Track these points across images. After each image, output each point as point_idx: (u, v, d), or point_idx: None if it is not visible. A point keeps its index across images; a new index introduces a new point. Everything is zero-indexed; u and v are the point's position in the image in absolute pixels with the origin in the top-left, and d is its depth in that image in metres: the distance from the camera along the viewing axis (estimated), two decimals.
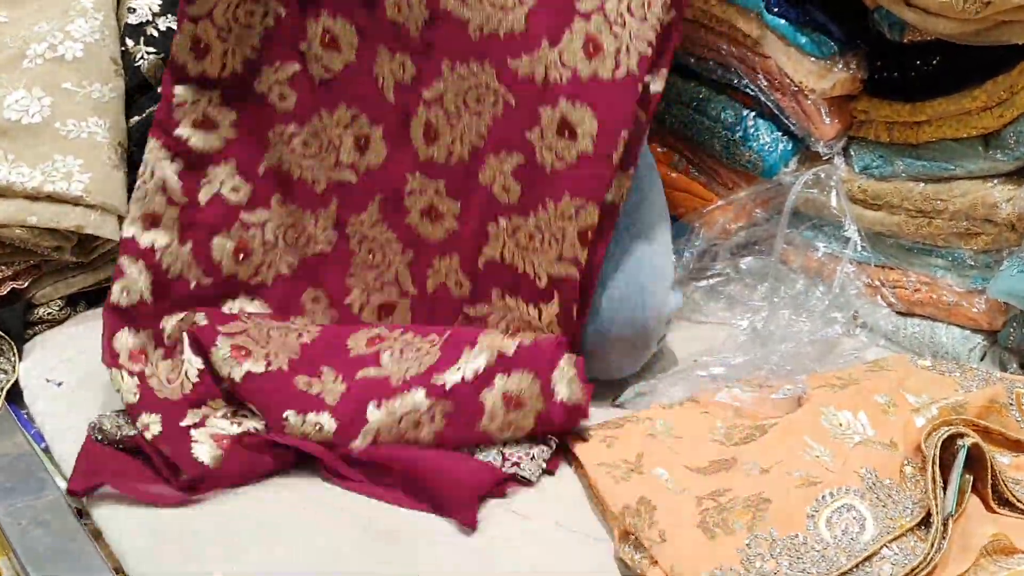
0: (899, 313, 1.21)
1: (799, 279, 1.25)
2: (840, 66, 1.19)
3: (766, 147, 1.26)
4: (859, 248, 1.20)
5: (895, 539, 0.79)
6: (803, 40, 1.19)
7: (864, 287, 1.22)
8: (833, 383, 1.02)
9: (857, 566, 0.78)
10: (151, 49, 1.33)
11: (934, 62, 1.13)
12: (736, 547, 0.79)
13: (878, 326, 1.22)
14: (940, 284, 1.17)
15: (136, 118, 1.32)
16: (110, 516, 0.92)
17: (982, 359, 1.14)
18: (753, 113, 1.27)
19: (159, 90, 1.34)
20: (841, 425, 0.94)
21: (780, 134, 1.26)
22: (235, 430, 0.99)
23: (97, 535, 0.92)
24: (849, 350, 1.17)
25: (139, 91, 1.33)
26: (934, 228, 1.15)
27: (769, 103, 1.25)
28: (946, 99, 1.11)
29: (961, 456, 0.81)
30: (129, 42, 1.33)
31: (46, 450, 1.05)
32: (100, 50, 1.29)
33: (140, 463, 0.98)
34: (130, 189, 1.26)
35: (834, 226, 1.23)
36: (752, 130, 1.27)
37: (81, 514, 0.95)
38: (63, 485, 0.98)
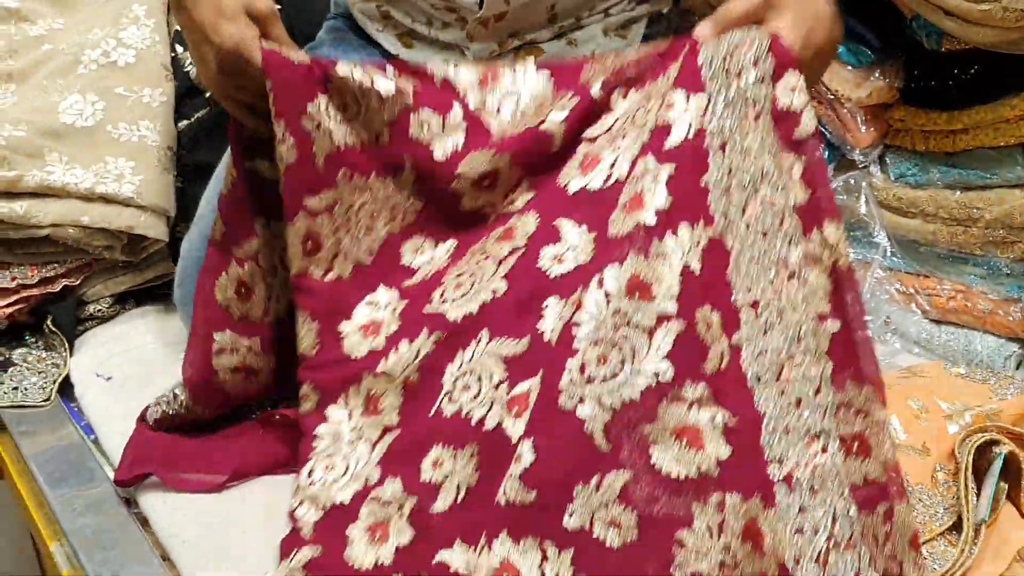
0: (933, 321, 1.22)
1: None
2: (877, 75, 1.20)
3: None
4: (889, 254, 1.21)
5: (925, 542, 0.80)
6: (840, 49, 1.20)
7: (897, 294, 1.22)
8: None
9: None
10: None
11: (972, 71, 1.13)
12: None
13: (910, 333, 1.22)
14: (975, 292, 1.17)
15: (184, 122, 1.36)
16: (157, 505, 0.95)
17: (1017, 368, 1.14)
18: None
19: (207, 95, 1.39)
20: None
21: None
22: None
23: (145, 523, 0.94)
24: (881, 356, 1.16)
25: (188, 96, 1.37)
26: (970, 236, 1.16)
27: None
28: (983, 108, 1.12)
29: (997, 463, 0.82)
30: (179, 48, 1.37)
31: (95, 442, 1.08)
32: (151, 56, 1.34)
33: (191, 446, 1.00)
34: (177, 193, 1.31)
35: (865, 232, 1.24)
36: None
37: (129, 503, 0.98)
38: (112, 475, 1.02)
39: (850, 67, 1.20)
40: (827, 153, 1.26)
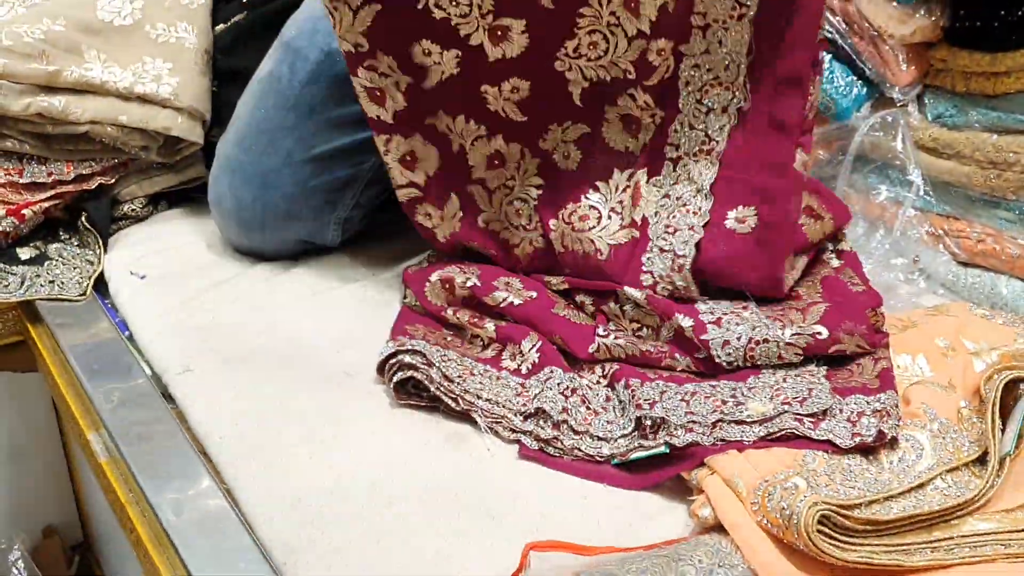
0: (960, 263, 1.22)
1: (860, 222, 1.27)
2: (922, 12, 1.19)
3: (840, 90, 1.26)
4: (922, 193, 1.21)
5: (950, 471, 0.82)
6: None
7: (926, 235, 1.23)
8: (894, 325, 1.04)
9: (908, 492, 0.81)
10: None
11: (1019, 13, 1.13)
12: (794, 459, 0.83)
13: (938, 274, 1.23)
14: (1005, 237, 1.18)
15: (221, 26, 1.35)
16: (194, 401, 0.97)
17: None
18: (829, 56, 1.27)
19: (243, 0, 1.38)
20: (899, 367, 0.96)
21: (855, 78, 1.26)
22: None
23: (182, 418, 0.96)
24: (907, 295, 1.18)
25: (224, 0, 1.36)
26: (1004, 181, 1.16)
27: (846, 46, 1.25)
28: None
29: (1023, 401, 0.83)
30: None
31: (129, 338, 1.10)
32: None
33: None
34: (212, 96, 1.31)
35: (898, 171, 1.24)
36: (827, 73, 1.27)
37: (167, 398, 0.99)
38: (148, 371, 1.04)
39: (895, 3, 1.19)
40: (865, 90, 1.26)
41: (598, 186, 1.09)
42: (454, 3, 0.99)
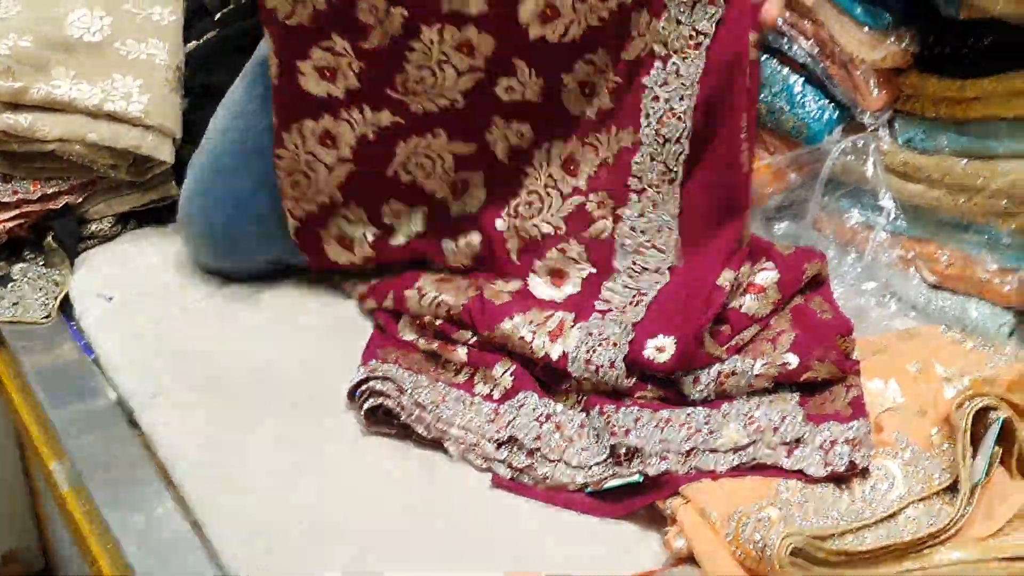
0: (931, 286, 1.23)
1: (831, 246, 1.27)
2: (893, 38, 1.20)
3: (812, 114, 1.27)
4: (893, 217, 1.22)
5: (922, 500, 0.82)
6: (858, 10, 1.20)
7: (898, 258, 1.24)
8: (864, 349, 1.04)
9: (880, 521, 0.81)
10: None
11: (987, 40, 1.14)
12: (768, 488, 0.83)
13: (908, 297, 1.23)
14: (974, 260, 1.19)
15: (194, 43, 1.34)
16: (160, 427, 0.95)
17: (1010, 336, 1.16)
18: (801, 79, 1.28)
19: (216, 16, 1.37)
20: (872, 392, 0.97)
21: (827, 102, 1.27)
22: None
23: (148, 445, 0.95)
24: (878, 318, 1.19)
25: (197, 17, 1.36)
26: (973, 205, 1.16)
27: (818, 70, 1.25)
28: (996, 78, 1.12)
29: (995, 428, 0.83)
30: None
31: (95, 361, 1.08)
32: None
33: None
34: (183, 115, 1.30)
35: (869, 195, 1.24)
36: (799, 96, 1.28)
37: (132, 424, 0.98)
38: (113, 396, 1.02)
39: (867, 28, 1.20)
40: (836, 114, 1.26)
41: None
42: (420, 167, 1.10)
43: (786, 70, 1.29)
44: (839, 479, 0.84)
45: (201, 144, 1.19)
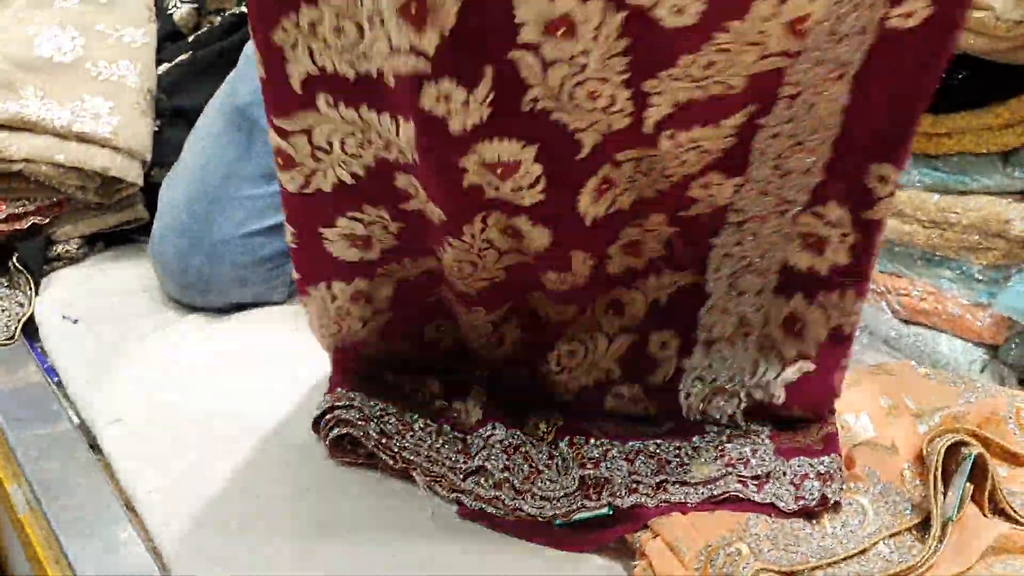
0: (902, 320, 1.23)
1: None
2: None
3: None
4: None
5: (893, 535, 0.81)
6: None
7: (870, 292, 1.24)
8: None
9: (851, 557, 0.80)
10: None
11: (959, 76, 1.14)
12: (737, 522, 0.82)
13: (880, 331, 1.23)
14: (946, 295, 1.19)
15: (166, 65, 1.33)
16: (121, 452, 0.93)
17: (981, 371, 1.16)
18: None
19: (189, 39, 1.37)
20: (843, 427, 0.96)
21: None
22: None
23: (109, 470, 0.93)
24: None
25: (170, 39, 1.35)
26: (945, 240, 1.17)
27: None
28: (969, 114, 1.12)
29: (967, 464, 0.83)
30: None
31: (59, 384, 1.06)
32: None
33: None
34: (154, 137, 1.28)
35: None
36: None
37: (93, 448, 0.96)
38: (75, 419, 1.00)
39: None
40: None
41: None
42: None
43: None
44: (810, 514, 0.83)
45: (174, 174, 1.17)
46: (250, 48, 1.13)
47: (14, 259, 1.20)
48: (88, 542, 0.84)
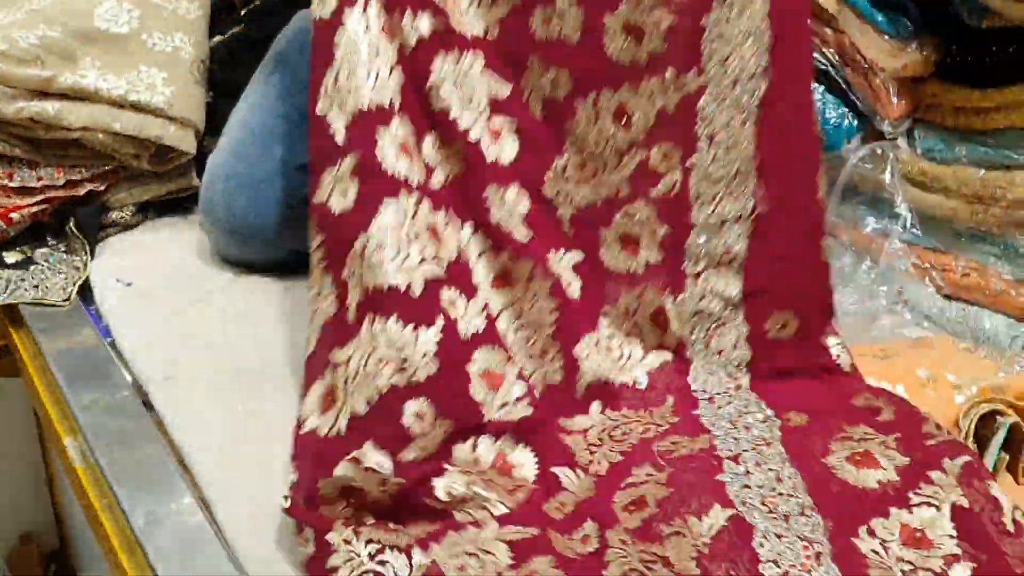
0: (945, 296, 1.22)
1: (847, 253, 1.27)
2: (914, 47, 1.20)
3: (831, 122, 1.27)
4: (909, 226, 1.21)
5: None
6: (880, 18, 1.20)
7: (912, 267, 1.23)
8: (876, 354, 1.04)
9: None
10: None
11: (1010, 49, 1.13)
12: None
13: (921, 306, 1.23)
14: (990, 271, 1.18)
15: (218, 37, 1.36)
16: (175, 409, 0.97)
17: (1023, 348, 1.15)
18: (821, 88, 1.28)
19: (242, 12, 1.39)
20: None
21: (846, 110, 1.27)
22: None
23: (162, 427, 0.96)
24: (890, 326, 1.18)
25: (223, 12, 1.37)
26: (990, 216, 1.16)
27: (838, 78, 1.26)
28: (1017, 87, 1.12)
29: (1001, 432, 0.83)
30: None
31: (112, 344, 1.10)
32: None
33: None
34: (207, 107, 1.31)
35: (886, 203, 1.25)
36: (819, 103, 1.28)
37: (148, 407, 0.99)
38: (129, 378, 1.03)
39: (887, 36, 1.20)
40: (856, 122, 1.26)
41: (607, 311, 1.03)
42: (458, 89, 0.98)
43: None
44: None
45: (221, 137, 1.20)
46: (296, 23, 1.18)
47: (71, 224, 1.24)
48: (141, 492, 0.87)
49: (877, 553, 0.76)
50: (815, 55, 1.25)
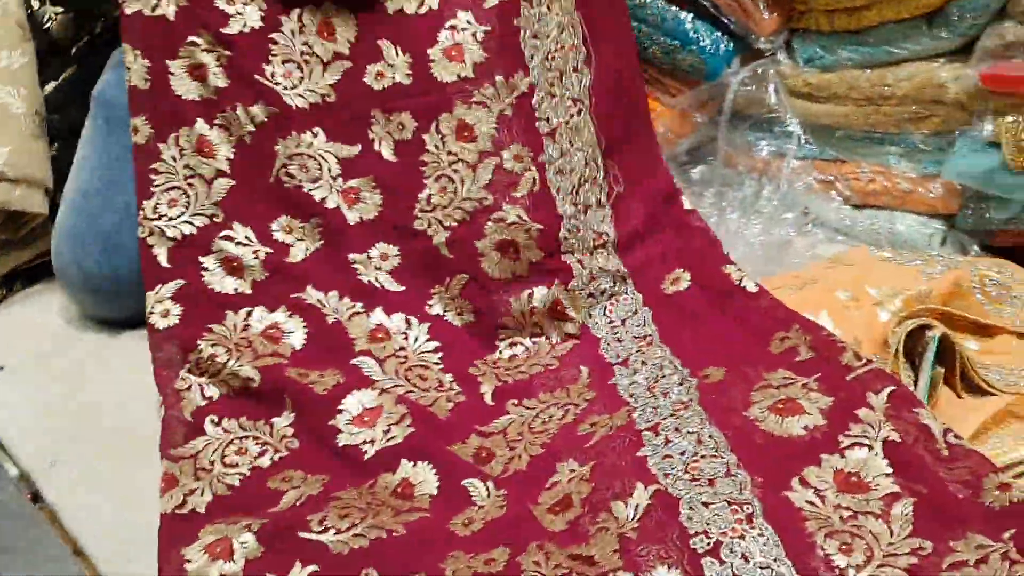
0: (854, 206, 1.19)
1: (747, 180, 1.23)
2: None
3: (707, 48, 1.22)
4: (802, 142, 1.18)
5: None
6: None
7: (815, 183, 1.20)
8: (792, 284, 1.00)
9: None
10: (58, 8, 1.27)
11: None
12: None
13: (831, 220, 1.20)
14: (894, 172, 1.15)
15: (52, 83, 1.27)
16: (63, 496, 0.90)
17: (942, 244, 1.12)
18: (691, 15, 1.23)
19: (72, 51, 1.30)
20: None
21: (720, 34, 1.22)
22: None
23: (53, 518, 0.89)
24: (803, 248, 1.15)
25: (51, 54, 1.28)
26: (883, 115, 1.13)
27: (706, 3, 1.21)
28: None
29: (932, 347, 0.80)
30: (35, 3, 1.27)
31: None
32: (3, 16, 1.23)
33: None
34: (51, 159, 1.22)
35: (777, 123, 1.21)
36: (691, 33, 1.23)
37: (35, 499, 0.92)
38: (13, 470, 0.96)
39: None
40: (732, 45, 1.21)
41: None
42: (304, 169, 1.01)
43: (673, 8, 1.24)
44: None
45: (63, 195, 1.13)
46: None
47: None
48: None
49: (813, 504, 0.72)
50: None
